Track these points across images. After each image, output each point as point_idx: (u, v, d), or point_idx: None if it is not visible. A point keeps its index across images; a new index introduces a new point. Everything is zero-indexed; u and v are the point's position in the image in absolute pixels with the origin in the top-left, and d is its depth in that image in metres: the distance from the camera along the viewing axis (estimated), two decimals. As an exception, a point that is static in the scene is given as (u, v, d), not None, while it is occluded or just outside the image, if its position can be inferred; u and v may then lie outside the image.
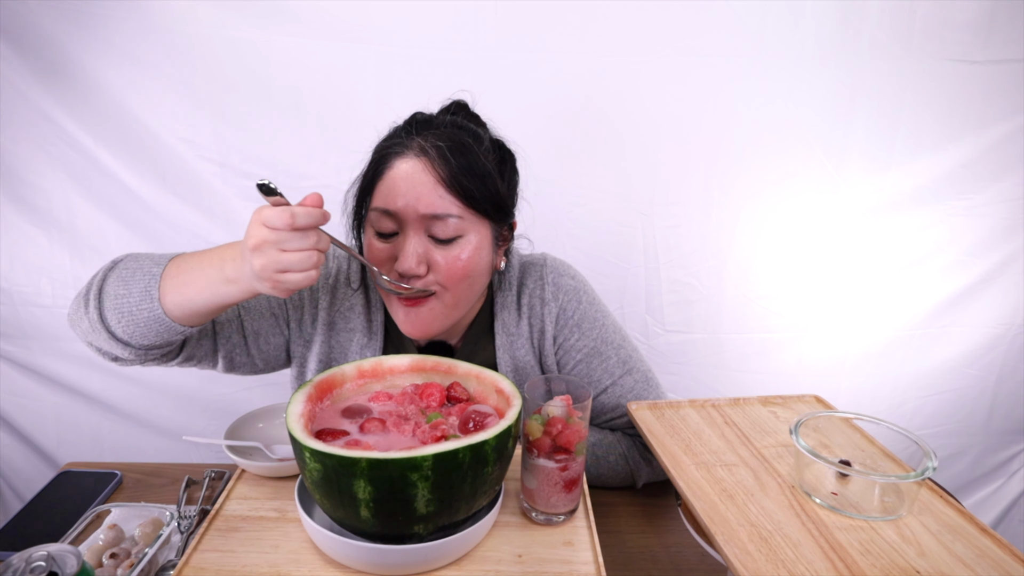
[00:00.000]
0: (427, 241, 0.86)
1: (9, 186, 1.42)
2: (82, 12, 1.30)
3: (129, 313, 0.80)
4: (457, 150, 0.85)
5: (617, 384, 1.02)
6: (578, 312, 1.02)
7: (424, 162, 0.84)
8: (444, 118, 0.91)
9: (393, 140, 0.89)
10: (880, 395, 1.69)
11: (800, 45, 1.40)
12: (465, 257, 0.87)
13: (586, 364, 1.02)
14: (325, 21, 1.35)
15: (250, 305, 0.97)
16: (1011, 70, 1.41)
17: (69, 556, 0.61)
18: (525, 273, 1.04)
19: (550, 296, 1.01)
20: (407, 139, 0.87)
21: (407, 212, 0.84)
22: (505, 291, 1.02)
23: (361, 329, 1.00)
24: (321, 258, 0.75)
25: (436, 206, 0.84)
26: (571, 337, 1.02)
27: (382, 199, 0.86)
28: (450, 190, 0.84)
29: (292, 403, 0.70)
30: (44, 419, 1.59)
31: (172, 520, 0.86)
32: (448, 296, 0.89)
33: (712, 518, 0.68)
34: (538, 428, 0.73)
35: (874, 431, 0.80)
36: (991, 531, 0.67)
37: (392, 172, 0.85)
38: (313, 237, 0.73)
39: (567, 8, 1.36)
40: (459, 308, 0.92)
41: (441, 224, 0.85)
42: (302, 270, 0.73)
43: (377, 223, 0.87)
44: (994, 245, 1.56)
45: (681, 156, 1.49)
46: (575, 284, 1.03)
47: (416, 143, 0.86)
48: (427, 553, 0.65)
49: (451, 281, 0.87)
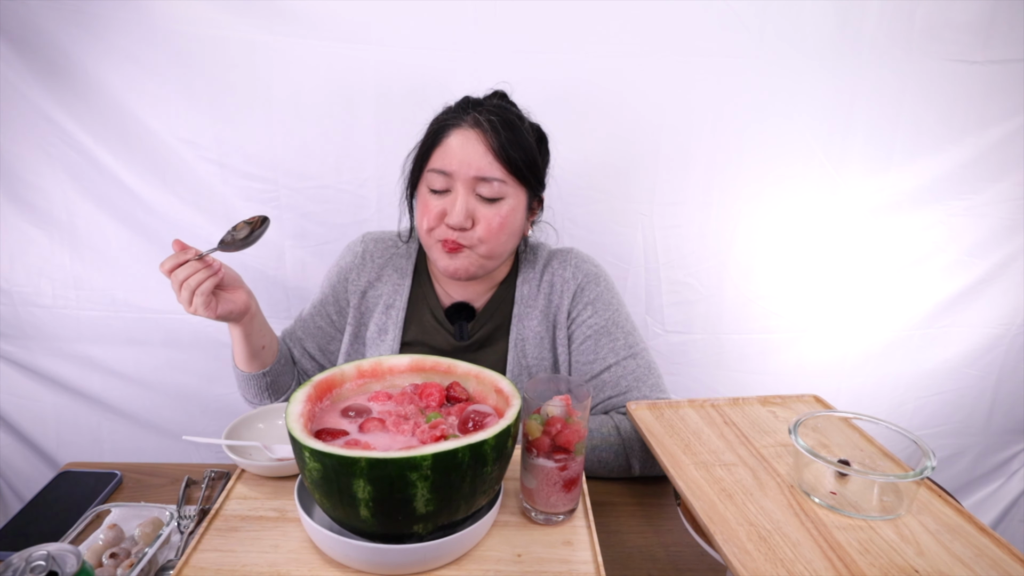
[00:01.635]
0: (474, 199, 1.02)
1: (9, 186, 1.42)
2: (82, 12, 1.30)
3: (238, 382, 1.15)
4: (505, 125, 1.01)
5: (620, 364, 1.09)
6: (594, 292, 1.13)
7: (478, 133, 1.01)
8: (492, 100, 1.08)
9: (450, 114, 1.05)
10: (880, 395, 1.69)
11: (800, 45, 1.40)
12: (503, 215, 1.03)
13: (594, 341, 1.11)
14: (325, 21, 1.35)
15: (307, 333, 1.20)
16: (1011, 70, 1.41)
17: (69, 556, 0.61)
18: (552, 257, 1.18)
19: (570, 275, 1.14)
20: (462, 114, 1.03)
21: (460, 173, 1.01)
22: (530, 268, 1.17)
23: (394, 280, 1.18)
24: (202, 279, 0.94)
25: (485, 170, 1.00)
26: (584, 313, 1.12)
27: (439, 161, 1.02)
28: (498, 158, 1.00)
29: (292, 403, 0.70)
30: (44, 419, 1.59)
31: (172, 520, 0.86)
32: (483, 248, 1.04)
33: (711, 517, 0.68)
34: (537, 428, 0.73)
35: (873, 431, 0.80)
36: (990, 530, 0.67)
37: (449, 139, 1.02)
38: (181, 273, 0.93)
39: (567, 8, 1.36)
40: (492, 259, 1.07)
41: (487, 185, 1.01)
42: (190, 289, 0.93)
43: (432, 182, 1.03)
44: (994, 245, 1.56)
45: (681, 156, 1.48)
46: (596, 271, 1.17)
47: (471, 116, 1.02)
48: (426, 553, 0.65)
49: (489, 235, 1.03)
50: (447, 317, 1.15)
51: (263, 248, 1.50)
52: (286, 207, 1.48)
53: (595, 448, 0.99)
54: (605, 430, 1.01)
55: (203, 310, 0.94)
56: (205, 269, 0.94)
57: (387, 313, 1.16)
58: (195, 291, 0.92)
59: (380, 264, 1.19)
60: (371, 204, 1.49)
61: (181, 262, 0.93)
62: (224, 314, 0.98)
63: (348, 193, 1.48)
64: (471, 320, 1.14)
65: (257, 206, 1.47)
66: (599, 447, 1.00)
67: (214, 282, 0.94)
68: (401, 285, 1.17)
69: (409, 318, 1.16)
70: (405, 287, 1.17)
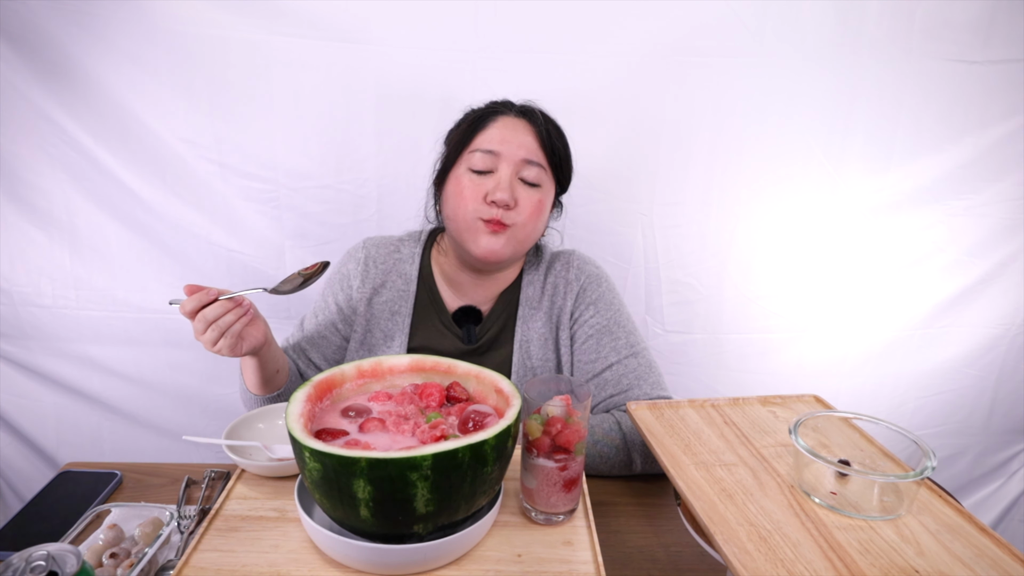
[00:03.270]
0: (517, 181, 1.05)
1: (9, 186, 1.42)
2: (82, 12, 1.30)
3: (243, 399, 1.13)
4: (550, 121, 1.09)
5: (622, 363, 1.09)
6: (596, 292, 1.15)
7: (526, 121, 1.07)
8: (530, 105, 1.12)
9: (493, 106, 1.10)
10: (880, 395, 1.69)
11: (800, 45, 1.40)
12: (540, 200, 1.07)
13: (596, 340, 1.12)
14: (325, 21, 1.35)
15: (311, 344, 1.17)
16: (1011, 70, 1.41)
17: (69, 556, 0.61)
18: (555, 259, 1.20)
19: (573, 277, 1.16)
20: (506, 108, 1.09)
21: (507, 152, 1.04)
22: (534, 270, 1.18)
23: (399, 286, 1.17)
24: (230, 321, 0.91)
25: (533, 153, 1.05)
26: (586, 312, 1.14)
27: (487, 142, 1.05)
28: (543, 147, 1.06)
29: (292, 403, 0.70)
30: (44, 419, 1.59)
31: (172, 520, 0.86)
32: (522, 231, 1.06)
33: (711, 518, 0.68)
34: (537, 428, 0.73)
35: (873, 431, 0.80)
36: (990, 530, 0.67)
37: (497, 124, 1.06)
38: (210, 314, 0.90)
39: (566, 9, 1.36)
40: (523, 244, 1.09)
41: (531, 169, 1.05)
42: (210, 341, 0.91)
43: (476, 162, 1.05)
44: (994, 245, 1.56)
45: (681, 156, 1.49)
46: (598, 272, 1.18)
47: (517, 108, 1.09)
48: (426, 553, 0.65)
49: (528, 217, 1.06)
50: (454, 321, 1.15)
51: (263, 248, 1.51)
52: (286, 207, 1.48)
53: (597, 443, 1.00)
54: (607, 425, 1.01)
55: (228, 352, 0.91)
56: (237, 309, 0.91)
57: (393, 319, 1.15)
58: (225, 332, 0.89)
59: (384, 270, 1.17)
60: (371, 204, 1.49)
61: (208, 301, 0.89)
62: (248, 351, 0.95)
63: (348, 193, 1.48)
64: (478, 323, 1.14)
65: (257, 206, 1.47)
66: (601, 442, 1.00)
67: (245, 323, 0.92)
68: (406, 290, 1.16)
69: (416, 323, 1.15)
70: (410, 292, 1.16)
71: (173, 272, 1.50)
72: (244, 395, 1.11)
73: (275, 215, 1.48)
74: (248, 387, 1.08)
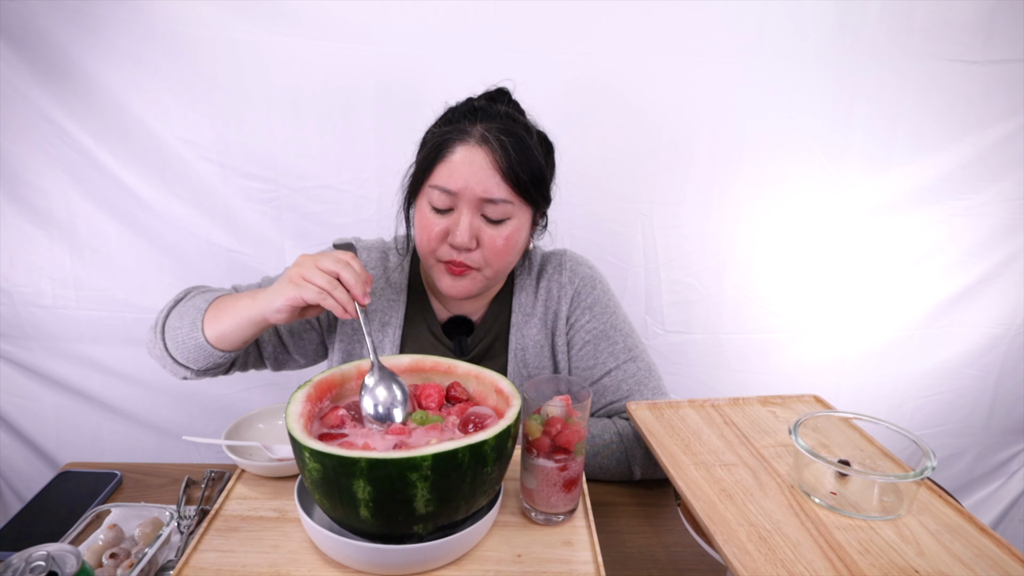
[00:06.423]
0: (479, 220, 0.96)
1: (9, 186, 1.42)
2: (82, 12, 1.30)
3: (182, 342, 0.95)
4: (515, 143, 0.95)
5: (620, 368, 1.07)
6: (591, 296, 1.10)
7: (485, 151, 0.94)
8: (499, 108, 1.00)
9: (454, 126, 0.97)
10: (880, 395, 1.69)
11: (800, 45, 1.40)
12: (508, 235, 0.98)
13: (593, 346, 1.09)
14: (325, 21, 1.35)
15: (292, 329, 1.09)
16: (1011, 70, 1.41)
17: (69, 556, 0.61)
18: (546, 261, 1.14)
19: (567, 280, 1.11)
20: (468, 126, 0.95)
21: (466, 193, 0.94)
22: (525, 275, 1.13)
23: (388, 295, 1.11)
24: (337, 302, 0.84)
25: (492, 191, 0.94)
26: (582, 318, 1.10)
27: (443, 179, 0.95)
28: (506, 179, 0.94)
29: (292, 403, 0.70)
30: (44, 419, 1.59)
31: (172, 520, 0.86)
32: (488, 270, 1.00)
33: (711, 518, 0.68)
34: (537, 428, 0.73)
35: (873, 431, 0.80)
36: (990, 530, 0.67)
37: (454, 156, 0.94)
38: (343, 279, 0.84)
39: (567, 9, 1.36)
40: (495, 279, 1.04)
41: (493, 207, 0.95)
42: (319, 287, 0.83)
43: (435, 199, 0.96)
44: (994, 245, 1.56)
45: (681, 156, 1.49)
46: (592, 273, 1.13)
47: (478, 131, 0.95)
48: (426, 553, 0.65)
49: (494, 257, 0.98)
50: (445, 332, 1.10)
51: (263, 248, 1.51)
52: (286, 207, 1.48)
53: (596, 454, 0.99)
54: (607, 436, 0.99)
55: (314, 297, 0.83)
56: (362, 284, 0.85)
57: (383, 331, 1.09)
58: (335, 291, 0.83)
59: (374, 277, 1.12)
60: (371, 204, 1.49)
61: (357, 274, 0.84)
62: (293, 319, 0.89)
63: (348, 193, 1.48)
64: (470, 334, 1.10)
65: (257, 206, 1.47)
66: (600, 453, 0.99)
67: None
68: (396, 301, 1.11)
69: (406, 335, 1.10)
70: (401, 303, 1.11)
71: (173, 272, 1.50)
72: (191, 342, 0.94)
73: (275, 215, 1.48)
74: (208, 336, 0.93)
